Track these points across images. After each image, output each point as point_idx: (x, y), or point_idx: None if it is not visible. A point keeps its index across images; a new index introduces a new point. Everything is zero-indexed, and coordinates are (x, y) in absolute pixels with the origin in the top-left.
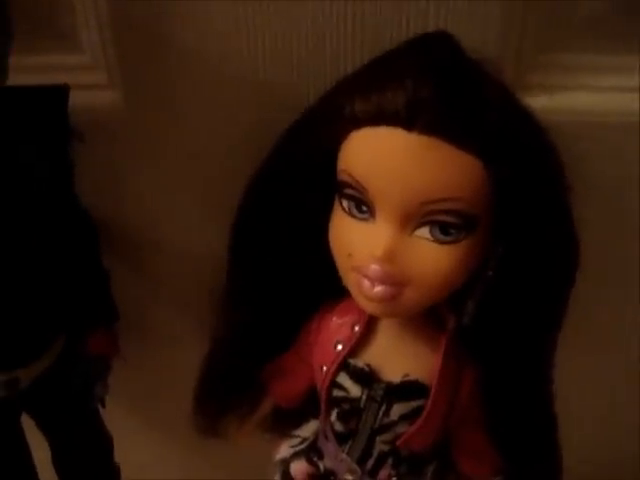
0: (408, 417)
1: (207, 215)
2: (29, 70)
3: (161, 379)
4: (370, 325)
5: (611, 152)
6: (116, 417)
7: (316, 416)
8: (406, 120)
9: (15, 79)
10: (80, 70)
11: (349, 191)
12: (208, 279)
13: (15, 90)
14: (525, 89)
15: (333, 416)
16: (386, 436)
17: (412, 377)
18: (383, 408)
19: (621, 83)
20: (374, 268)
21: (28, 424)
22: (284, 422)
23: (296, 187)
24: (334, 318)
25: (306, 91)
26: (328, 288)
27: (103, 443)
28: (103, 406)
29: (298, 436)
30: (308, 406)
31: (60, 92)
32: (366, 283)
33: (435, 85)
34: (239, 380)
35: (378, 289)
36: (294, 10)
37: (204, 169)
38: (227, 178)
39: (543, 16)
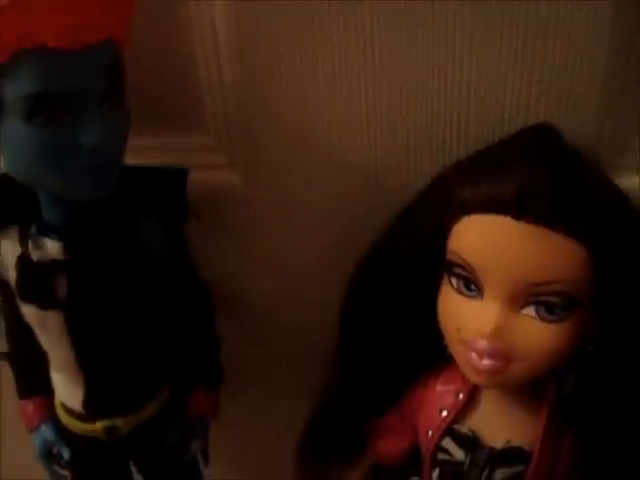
0: None
1: (315, 286)
2: (156, 150)
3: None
4: (473, 393)
5: None
6: (215, 470)
7: (413, 475)
8: (516, 210)
9: (143, 159)
10: (203, 151)
11: (458, 270)
12: (318, 342)
13: (139, 169)
14: (619, 170)
15: (435, 476)
16: None
17: (514, 443)
18: (485, 472)
19: None
20: (482, 343)
21: None
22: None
23: (406, 263)
24: (438, 386)
25: (413, 174)
26: (432, 353)
27: None
28: (206, 463)
29: None
30: (406, 465)
31: (180, 173)
32: (474, 356)
33: (543, 177)
34: (344, 434)
35: (485, 362)
36: (407, 104)
37: (313, 243)
38: (336, 253)
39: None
